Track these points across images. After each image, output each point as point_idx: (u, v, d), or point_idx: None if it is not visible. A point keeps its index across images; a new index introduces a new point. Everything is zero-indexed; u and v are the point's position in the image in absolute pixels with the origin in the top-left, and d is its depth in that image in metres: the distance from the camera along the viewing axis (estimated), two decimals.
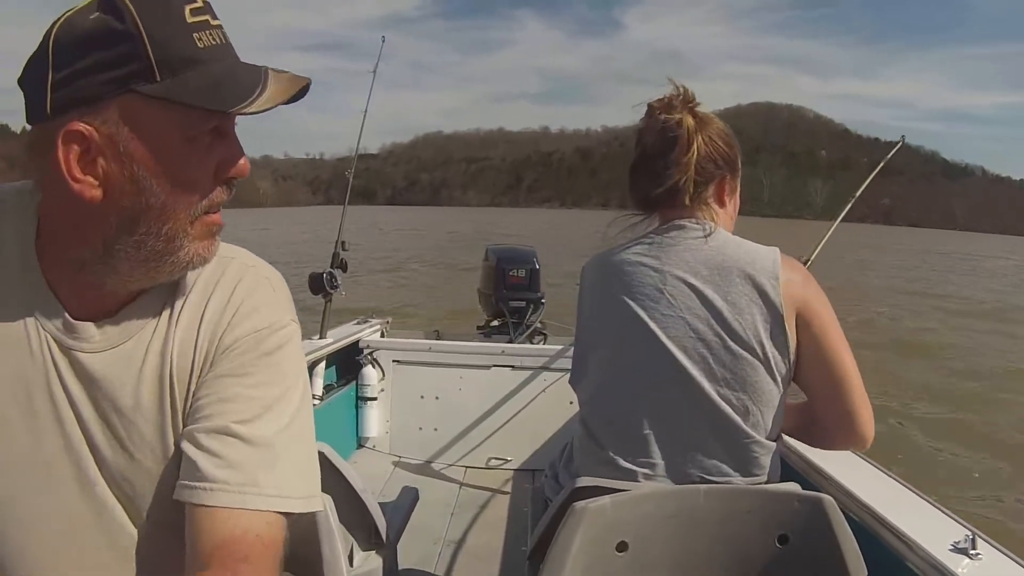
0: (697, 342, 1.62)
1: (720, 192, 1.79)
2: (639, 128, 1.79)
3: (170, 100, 0.89)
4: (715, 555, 1.50)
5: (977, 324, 17.77)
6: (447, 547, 3.42)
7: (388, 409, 4.47)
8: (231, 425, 0.99)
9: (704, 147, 1.73)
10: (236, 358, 1.05)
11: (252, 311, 1.08)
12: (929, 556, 1.56)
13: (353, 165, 5.01)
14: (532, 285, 4.83)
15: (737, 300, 1.62)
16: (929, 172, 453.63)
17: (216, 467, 0.97)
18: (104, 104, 0.88)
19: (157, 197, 0.93)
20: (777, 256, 1.67)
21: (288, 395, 1.06)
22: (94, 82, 0.87)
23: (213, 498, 0.95)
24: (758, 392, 1.62)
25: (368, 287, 18.35)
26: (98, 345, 1.01)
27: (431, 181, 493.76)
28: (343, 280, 4.32)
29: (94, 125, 0.88)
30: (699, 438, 1.63)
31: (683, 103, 1.75)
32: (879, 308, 19.33)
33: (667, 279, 1.67)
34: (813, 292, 1.66)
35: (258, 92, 0.93)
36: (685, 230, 1.72)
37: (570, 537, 1.42)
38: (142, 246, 0.95)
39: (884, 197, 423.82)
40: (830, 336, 1.65)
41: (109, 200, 0.91)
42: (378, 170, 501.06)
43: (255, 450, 0.99)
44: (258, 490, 0.97)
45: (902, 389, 10.49)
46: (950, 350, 13.86)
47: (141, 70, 0.88)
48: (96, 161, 0.89)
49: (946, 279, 32.75)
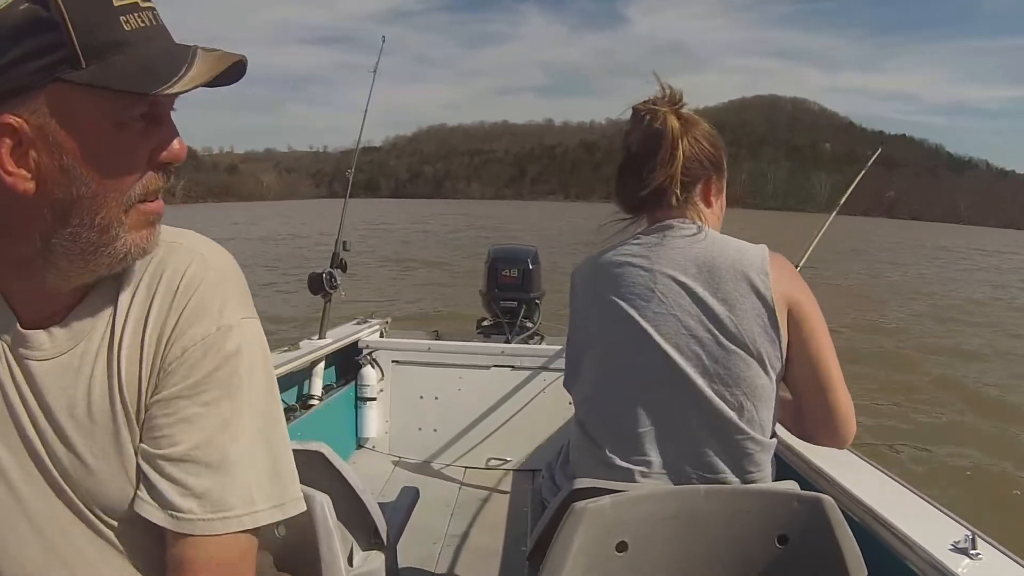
0: (690, 339, 1.63)
1: (706, 192, 1.82)
2: (625, 131, 1.82)
3: (94, 86, 0.87)
4: (715, 555, 1.50)
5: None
6: (447, 547, 3.43)
7: (387, 409, 4.48)
8: (191, 452, 0.99)
9: (690, 148, 1.75)
10: (187, 372, 1.02)
11: (199, 314, 1.04)
12: (929, 556, 1.56)
13: (353, 164, 5.03)
14: (525, 285, 4.84)
15: (728, 297, 1.64)
16: (933, 166, 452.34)
17: (182, 496, 0.98)
18: (33, 95, 0.87)
19: (88, 186, 0.91)
20: (766, 253, 1.69)
21: (246, 402, 1.04)
22: (22, 72, 0.86)
23: (181, 527, 0.98)
24: (752, 388, 1.63)
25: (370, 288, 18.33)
26: (48, 352, 1.00)
27: (434, 174, 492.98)
28: (342, 280, 4.32)
29: (24, 117, 0.87)
30: (695, 436, 1.64)
31: (668, 104, 1.77)
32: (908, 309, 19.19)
33: (657, 278, 1.69)
34: (803, 292, 1.69)
35: (182, 72, 0.90)
36: (674, 229, 1.74)
37: (570, 537, 1.42)
38: (77, 238, 0.93)
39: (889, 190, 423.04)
40: (819, 338, 1.68)
41: (42, 192, 0.90)
42: (381, 163, 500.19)
43: (218, 473, 0.99)
44: (225, 514, 0.98)
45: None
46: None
47: (66, 57, 0.86)
48: (28, 153, 0.88)
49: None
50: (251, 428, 1.03)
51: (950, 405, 9.74)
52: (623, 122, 1.83)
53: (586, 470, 1.71)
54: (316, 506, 1.48)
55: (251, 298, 1.13)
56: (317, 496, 1.50)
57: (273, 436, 1.07)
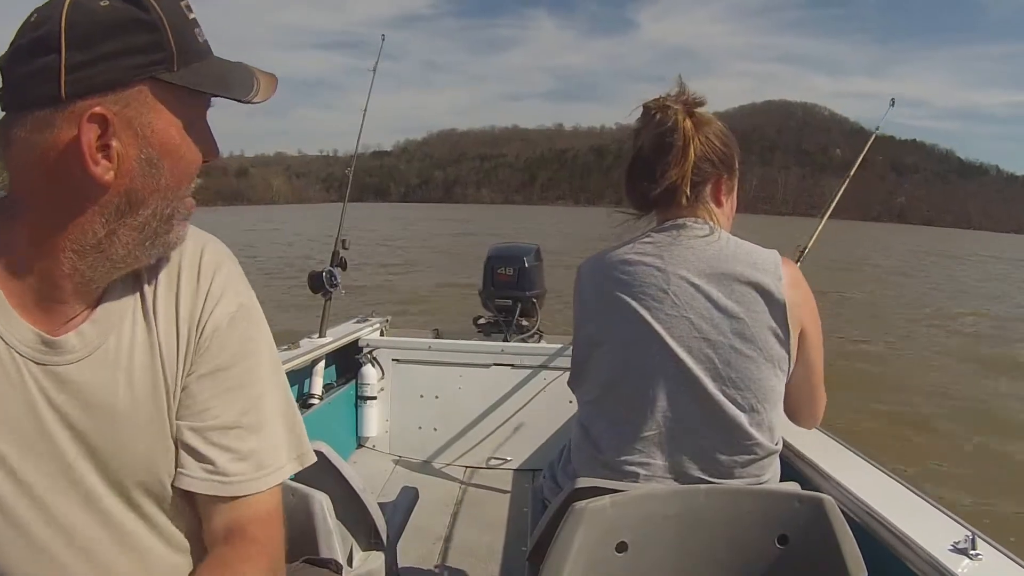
0: (702, 342, 1.62)
1: (717, 192, 1.80)
2: (635, 128, 1.80)
3: (188, 88, 0.97)
4: (715, 555, 1.50)
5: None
6: (447, 546, 3.43)
7: (388, 408, 4.48)
8: (239, 419, 1.09)
9: (701, 147, 1.73)
10: (219, 349, 1.11)
11: (221, 294, 1.13)
12: (929, 556, 1.56)
13: (353, 164, 5.03)
14: (521, 283, 4.80)
15: (742, 300, 1.62)
16: (944, 171, 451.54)
17: (233, 461, 1.08)
18: (123, 89, 0.93)
19: (166, 179, 0.99)
20: (778, 258, 1.69)
21: (268, 368, 1.16)
22: (116, 67, 0.91)
23: (233, 489, 1.08)
24: (764, 391, 1.63)
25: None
26: (80, 353, 1.02)
27: (444, 178, 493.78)
28: (342, 279, 4.31)
29: (113, 109, 0.92)
30: (703, 440, 1.63)
31: (680, 103, 1.74)
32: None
33: (671, 279, 1.66)
34: (810, 299, 1.71)
35: (256, 85, 1.03)
36: (687, 228, 1.73)
37: (570, 537, 1.42)
38: (145, 227, 1.00)
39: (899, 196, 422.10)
40: (817, 344, 1.72)
41: (120, 182, 0.95)
42: (392, 167, 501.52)
43: (259, 436, 1.11)
44: (266, 471, 1.10)
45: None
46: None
47: (164, 59, 0.94)
48: (111, 144, 0.93)
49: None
50: (273, 391, 1.15)
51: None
52: (632, 126, 1.82)
53: (588, 471, 1.70)
54: (316, 505, 1.49)
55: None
56: (317, 495, 1.50)
57: (287, 395, 1.19)
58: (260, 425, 1.11)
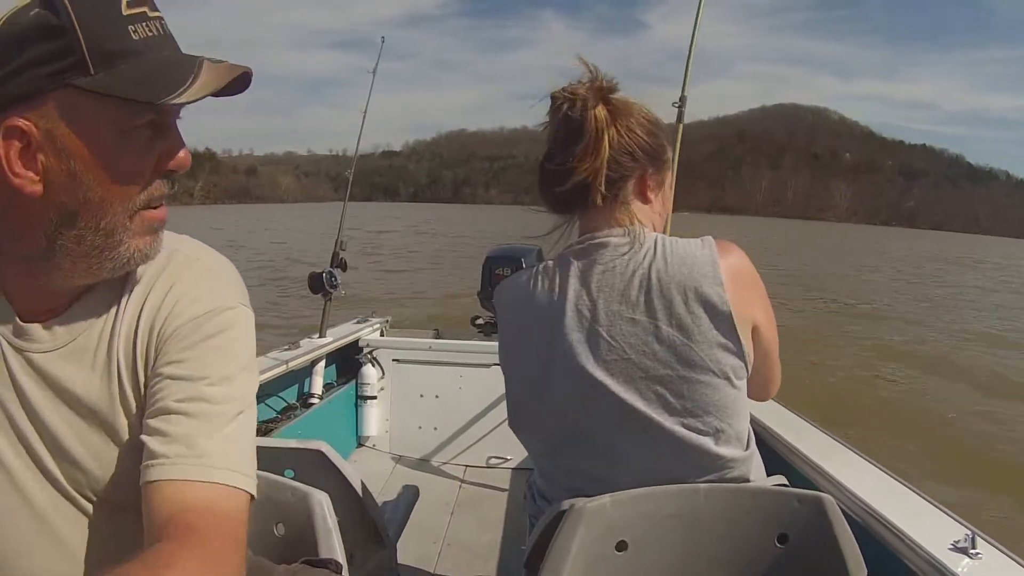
0: (649, 381, 1.47)
1: (642, 188, 1.60)
2: (545, 122, 1.64)
3: (102, 93, 0.90)
4: (715, 555, 1.49)
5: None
6: (446, 546, 3.44)
7: (388, 408, 4.50)
8: (172, 403, 1.00)
9: (619, 139, 1.53)
10: (178, 344, 1.04)
11: (194, 300, 1.07)
12: (929, 556, 1.56)
13: (353, 166, 5.06)
14: None
15: (683, 322, 1.45)
16: (953, 175, 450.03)
17: (161, 444, 0.97)
18: (42, 99, 0.89)
19: (94, 191, 0.94)
20: (715, 256, 1.49)
21: (228, 373, 1.05)
22: (32, 77, 0.88)
23: (159, 472, 0.95)
24: (725, 408, 1.49)
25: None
26: (48, 345, 1.02)
27: (453, 179, 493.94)
28: (342, 279, 4.34)
29: (32, 120, 0.89)
30: (675, 471, 1.51)
31: (592, 91, 1.53)
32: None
33: (600, 316, 1.49)
34: (756, 287, 1.54)
35: (189, 82, 0.93)
36: (608, 248, 1.54)
37: (569, 537, 1.41)
38: (82, 241, 0.96)
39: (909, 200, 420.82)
40: (771, 329, 1.57)
41: (49, 195, 0.92)
42: (401, 167, 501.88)
43: (197, 422, 0.99)
44: (200, 460, 0.96)
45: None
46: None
47: (76, 64, 0.89)
48: (36, 156, 0.90)
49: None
50: (229, 398, 1.03)
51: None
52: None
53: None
54: (316, 504, 1.49)
55: (247, 296, 1.15)
56: (317, 494, 1.50)
57: (247, 416, 1.06)
58: (201, 414, 1.00)
